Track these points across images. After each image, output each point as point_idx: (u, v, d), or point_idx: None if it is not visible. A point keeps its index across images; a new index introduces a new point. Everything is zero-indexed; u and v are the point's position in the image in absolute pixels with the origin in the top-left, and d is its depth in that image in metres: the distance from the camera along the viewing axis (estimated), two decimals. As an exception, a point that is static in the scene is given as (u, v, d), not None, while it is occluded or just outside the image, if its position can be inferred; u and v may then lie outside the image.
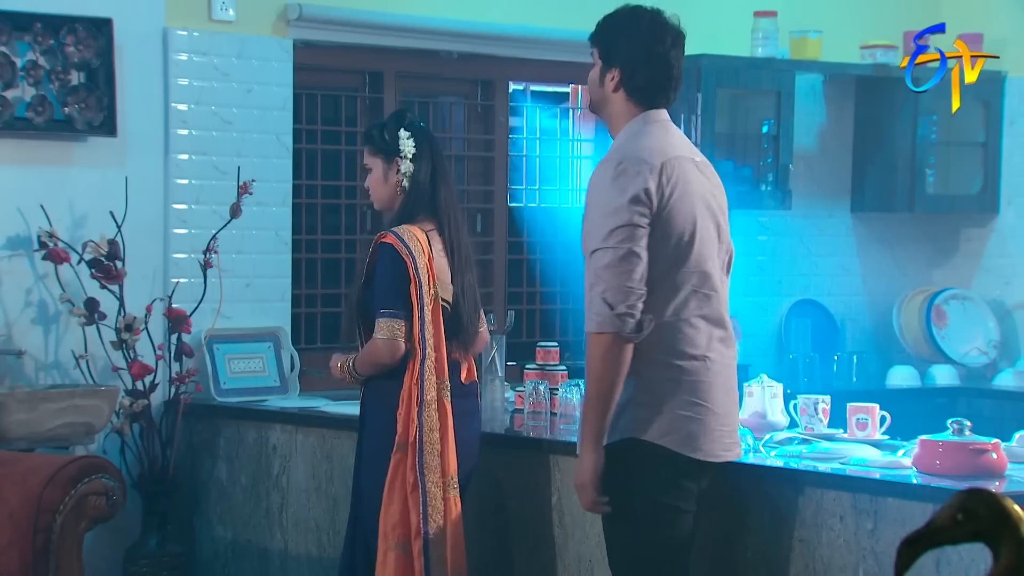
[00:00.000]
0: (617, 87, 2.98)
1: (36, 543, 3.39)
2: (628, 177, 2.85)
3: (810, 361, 5.50)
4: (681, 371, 2.89)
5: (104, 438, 4.19)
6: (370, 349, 3.37)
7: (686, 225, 2.90)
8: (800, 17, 5.52)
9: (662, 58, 2.98)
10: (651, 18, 3.03)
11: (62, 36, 4.20)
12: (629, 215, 2.83)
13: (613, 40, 3.01)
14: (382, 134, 3.47)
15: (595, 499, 2.87)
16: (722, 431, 2.94)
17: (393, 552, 3.28)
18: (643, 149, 2.91)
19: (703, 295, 2.93)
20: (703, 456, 2.91)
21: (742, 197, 5.43)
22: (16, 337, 4.19)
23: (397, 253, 3.33)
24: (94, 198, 4.27)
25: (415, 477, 3.29)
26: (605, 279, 2.82)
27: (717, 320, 2.95)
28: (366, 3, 4.78)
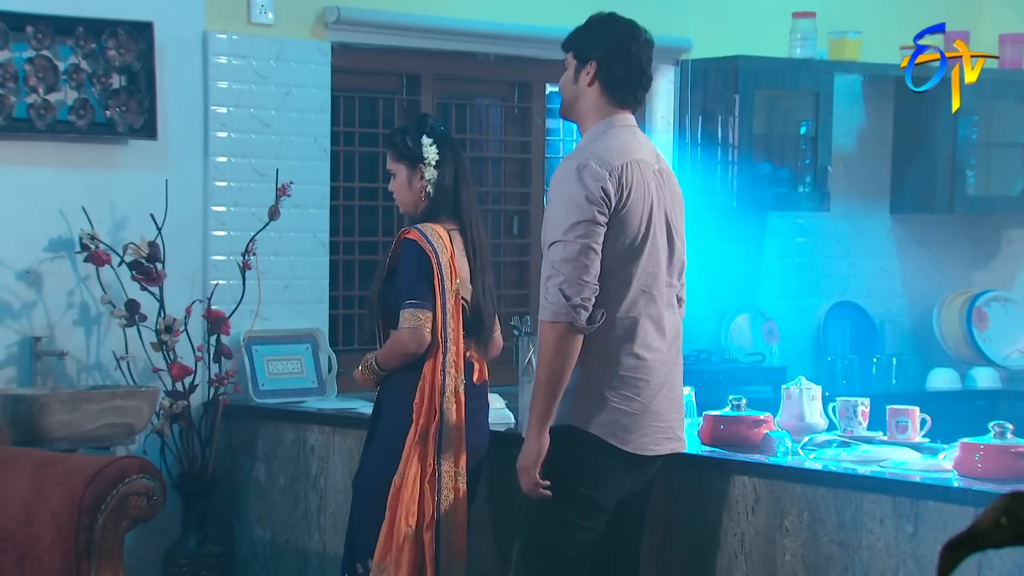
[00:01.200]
0: (593, 80, 3.10)
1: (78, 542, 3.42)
2: (589, 175, 2.98)
3: (849, 363, 5.47)
4: (621, 365, 3.02)
5: (144, 439, 4.22)
6: (395, 340, 3.41)
7: (640, 227, 3.03)
8: (839, 18, 5.49)
9: (636, 57, 3.13)
10: (625, 21, 3.18)
11: (104, 40, 4.23)
12: (588, 211, 2.96)
13: (589, 39, 3.15)
14: (405, 141, 3.51)
15: (536, 482, 3.00)
16: (657, 427, 3.07)
17: (408, 541, 3.34)
18: (606, 149, 3.04)
19: (649, 295, 3.05)
20: (632, 449, 3.03)
21: (780, 199, 5.41)
22: (58, 338, 4.23)
23: (420, 248, 3.38)
24: (135, 200, 4.30)
25: (434, 467, 3.34)
26: (563, 272, 2.95)
27: (658, 320, 3.08)
28: (404, 6, 4.80)
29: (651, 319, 3.05)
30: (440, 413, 3.35)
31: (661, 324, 3.08)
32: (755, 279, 5.59)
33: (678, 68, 5.38)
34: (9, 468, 3.58)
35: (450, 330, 3.39)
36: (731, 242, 5.51)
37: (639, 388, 3.03)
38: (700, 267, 5.45)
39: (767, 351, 5.48)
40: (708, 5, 5.43)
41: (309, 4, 4.65)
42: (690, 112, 5.35)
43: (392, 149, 3.55)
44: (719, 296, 5.49)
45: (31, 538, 3.45)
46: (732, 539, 3.22)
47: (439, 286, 3.37)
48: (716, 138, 5.28)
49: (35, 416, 3.87)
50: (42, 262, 4.22)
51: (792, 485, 3.14)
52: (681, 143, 5.39)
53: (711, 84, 5.29)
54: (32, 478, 3.52)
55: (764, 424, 3.43)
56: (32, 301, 4.21)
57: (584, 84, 3.11)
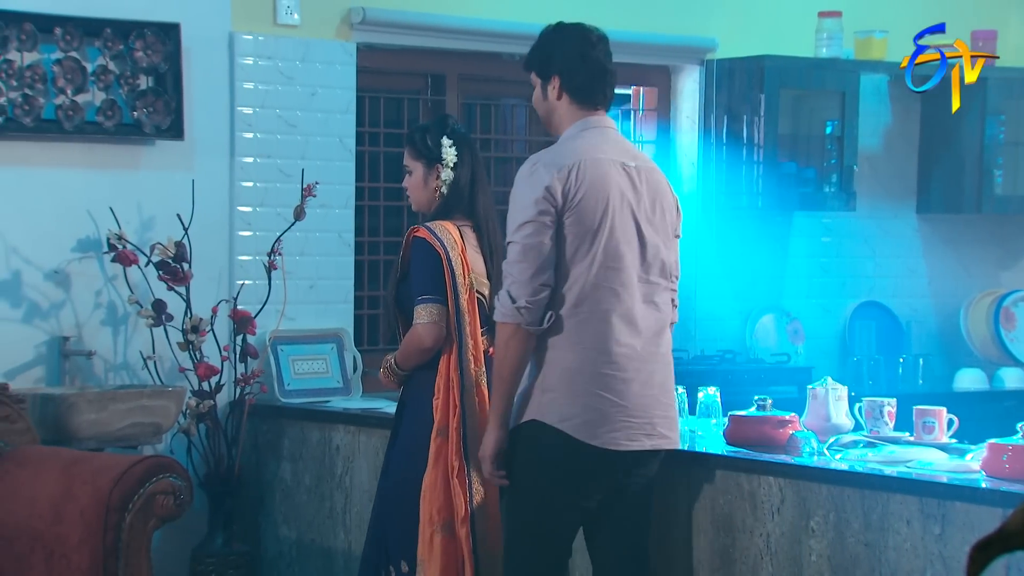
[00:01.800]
0: (560, 93, 3.18)
1: (106, 541, 3.44)
2: (536, 177, 3.07)
3: (875, 364, 5.45)
4: (585, 361, 3.06)
5: (171, 438, 4.24)
6: (411, 337, 3.43)
7: (595, 224, 3.07)
8: (865, 17, 5.47)
9: (595, 59, 3.20)
10: (575, 28, 3.26)
11: (131, 41, 4.26)
12: (534, 211, 3.04)
13: (546, 55, 3.22)
14: (425, 139, 3.53)
15: (492, 472, 3.12)
16: (628, 421, 3.08)
17: (440, 535, 3.34)
18: (560, 151, 3.13)
19: (612, 291, 3.08)
20: (601, 444, 3.06)
21: (805, 198, 5.40)
22: (86, 338, 4.25)
23: (430, 246, 3.41)
24: (161, 201, 4.33)
25: (460, 461, 3.35)
26: (511, 273, 3.06)
27: (627, 315, 3.09)
28: (429, 6, 4.81)
29: (617, 315, 3.07)
30: (461, 407, 3.36)
31: (632, 320, 3.09)
32: (780, 279, 5.58)
33: (703, 68, 5.37)
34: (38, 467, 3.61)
35: (466, 324, 3.40)
36: (756, 242, 5.50)
37: (606, 383, 3.05)
38: (725, 267, 5.47)
39: (792, 351, 5.46)
40: (733, 5, 5.42)
41: (335, 5, 4.66)
42: (715, 112, 5.34)
43: (411, 146, 3.57)
44: (744, 296, 5.48)
45: (59, 536, 3.48)
46: (758, 539, 3.22)
47: (450, 281, 3.40)
48: (741, 138, 5.27)
49: (63, 415, 3.90)
50: (70, 262, 4.25)
51: (818, 486, 3.13)
52: (706, 143, 5.38)
53: (736, 84, 5.28)
54: (60, 477, 3.54)
55: (790, 424, 3.42)
56: (60, 301, 4.24)
57: (553, 98, 3.19)
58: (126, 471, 3.51)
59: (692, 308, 5.43)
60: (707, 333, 5.41)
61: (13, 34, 4.08)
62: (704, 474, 3.31)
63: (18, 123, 4.11)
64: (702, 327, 5.42)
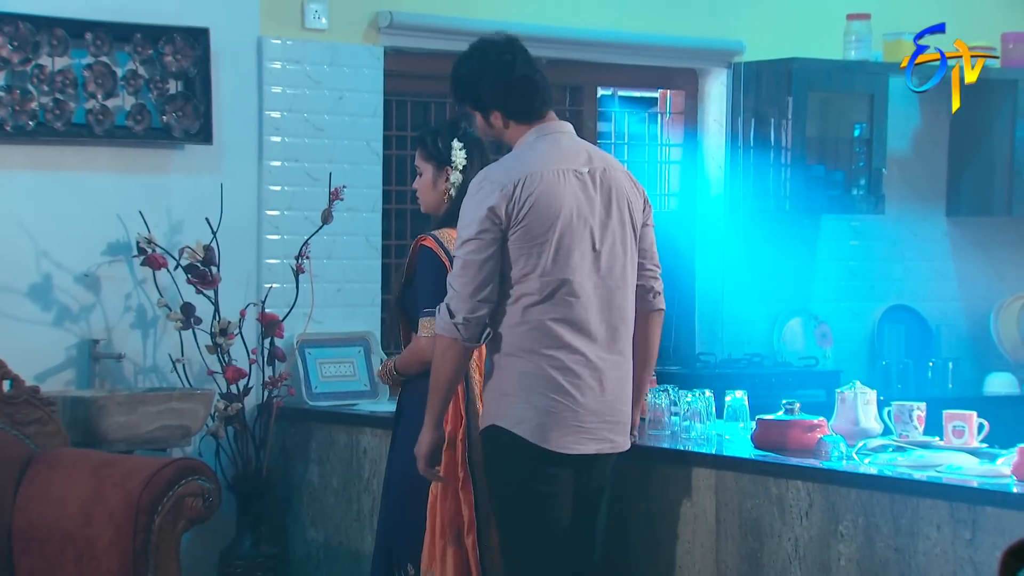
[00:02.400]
0: (504, 122, 3.23)
1: (136, 543, 3.46)
2: (483, 193, 3.12)
3: (904, 367, 5.43)
4: (538, 368, 3.12)
5: (200, 441, 4.26)
6: (414, 347, 3.44)
7: (543, 237, 3.10)
8: (894, 19, 5.45)
9: (520, 78, 3.21)
10: (488, 55, 3.24)
11: (161, 46, 4.29)
12: (478, 228, 3.09)
13: (474, 89, 3.24)
14: (436, 141, 3.54)
15: (426, 469, 3.23)
16: (579, 426, 3.13)
17: (451, 547, 3.35)
18: (507, 166, 3.16)
19: (564, 300, 3.12)
20: (553, 447, 3.12)
21: (833, 201, 5.38)
22: (116, 341, 4.28)
23: (436, 256, 3.41)
24: (190, 204, 4.35)
25: (466, 472, 3.35)
26: (453, 287, 3.11)
27: (578, 323, 3.13)
28: (456, 10, 4.82)
29: (566, 322, 3.11)
30: (466, 418, 3.36)
31: (584, 327, 3.13)
32: (808, 282, 5.56)
33: (730, 71, 5.36)
34: (68, 469, 3.63)
35: None
36: (784, 245, 5.48)
37: (558, 388, 3.10)
38: (753, 270, 5.45)
39: (820, 355, 5.44)
40: (761, 7, 5.40)
41: (362, 9, 4.68)
42: (743, 115, 5.33)
43: (422, 147, 3.57)
44: (772, 299, 5.47)
45: (89, 538, 3.50)
46: (786, 544, 3.21)
47: None
48: (769, 141, 5.25)
49: (93, 418, 3.93)
50: (100, 266, 4.28)
51: (847, 490, 3.11)
52: (733, 146, 5.37)
53: (764, 86, 5.27)
54: (91, 479, 3.57)
55: (818, 428, 3.40)
56: (90, 304, 4.27)
57: (500, 127, 3.24)
58: (155, 473, 3.53)
59: (720, 311, 5.42)
60: (734, 336, 5.40)
61: (44, 39, 4.12)
62: (732, 478, 3.31)
63: (49, 127, 4.15)
64: (729, 330, 5.41)
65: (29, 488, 3.61)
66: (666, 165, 5.51)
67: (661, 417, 3.65)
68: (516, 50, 3.24)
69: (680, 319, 5.44)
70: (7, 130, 4.08)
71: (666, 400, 3.65)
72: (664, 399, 3.66)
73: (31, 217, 4.19)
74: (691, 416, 3.58)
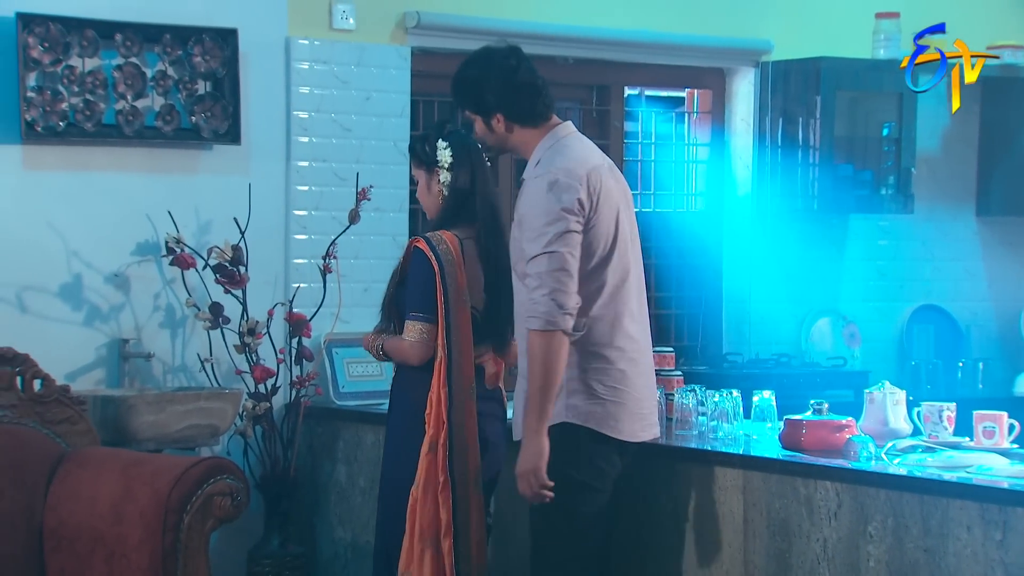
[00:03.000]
0: (507, 125, 3.28)
1: (165, 542, 3.48)
2: (561, 188, 3.16)
3: (933, 368, 5.40)
4: (604, 360, 3.20)
5: (228, 440, 4.28)
6: (400, 347, 3.47)
7: (609, 228, 3.21)
8: (923, 17, 5.38)
9: (523, 82, 3.26)
10: (489, 56, 3.31)
11: (190, 47, 4.31)
12: (566, 223, 3.14)
13: (477, 94, 3.29)
14: (423, 147, 3.55)
15: (543, 484, 3.15)
16: (640, 414, 3.26)
17: (430, 550, 3.38)
18: (570, 161, 3.21)
19: (625, 291, 3.24)
20: (623, 436, 3.23)
21: (861, 201, 5.36)
22: (145, 340, 4.30)
23: (426, 259, 3.43)
24: (219, 204, 4.37)
25: (446, 476, 3.37)
26: (550, 283, 3.12)
27: (635, 313, 3.27)
28: (483, 10, 4.82)
29: (629, 314, 3.24)
30: (448, 423, 3.38)
31: (636, 316, 3.27)
32: (836, 282, 5.54)
33: (758, 70, 5.35)
34: (98, 468, 3.65)
35: (456, 340, 3.40)
36: (812, 245, 5.46)
37: (625, 378, 3.22)
38: (781, 270, 5.43)
39: (848, 355, 5.42)
40: (789, 6, 5.38)
41: (389, 9, 4.69)
42: (770, 114, 5.31)
43: (412, 156, 3.60)
44: (800, 299, 5.45)
45: (119, 537, 3.52)
46: (815, 544, 3.19)
47: (442, 297, 3.41)
48: (797, 140, 5.24)
49: (123, 417, 3.95)
50: (129, 265, 4.30)
51: (876, 491, 3.10)
52: (761, 146, 5.36)
53: (792, 86, 5.25)
54: (120, 478, 3.59)
55: (847, 429, 3.39)
56: (120, 304, 4.29)
57: (501, 131, 3.30)
58: (184, 472, 3.54)
59: (747, 311, 5.41)
60: (762, 336, 5.38)
61: (75, 40, 4.14)
62: (759, 478, 3.30)
63: (79, 128, 4.17)
64: (757, 330, 5.39)
65: (60, 487, 3.63)
66: (693, 165, 5.49)
67: (688, 417, 3.64)
68: (520, 56, 3.31)
69: (707, 319, 5.43)
70: (38, 131, 4.11)
71: (693, 400, 3.64)
72: (691, 399, 3.65)
73: (61, 217, 4.21)
74: (718, 416, 3.57)
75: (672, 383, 3.89)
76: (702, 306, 5.43)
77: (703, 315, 5.41)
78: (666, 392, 3.82)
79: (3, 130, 4.10)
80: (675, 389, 3.83)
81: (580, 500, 3.21)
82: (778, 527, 3.27)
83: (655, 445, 3.44)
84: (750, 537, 3.33)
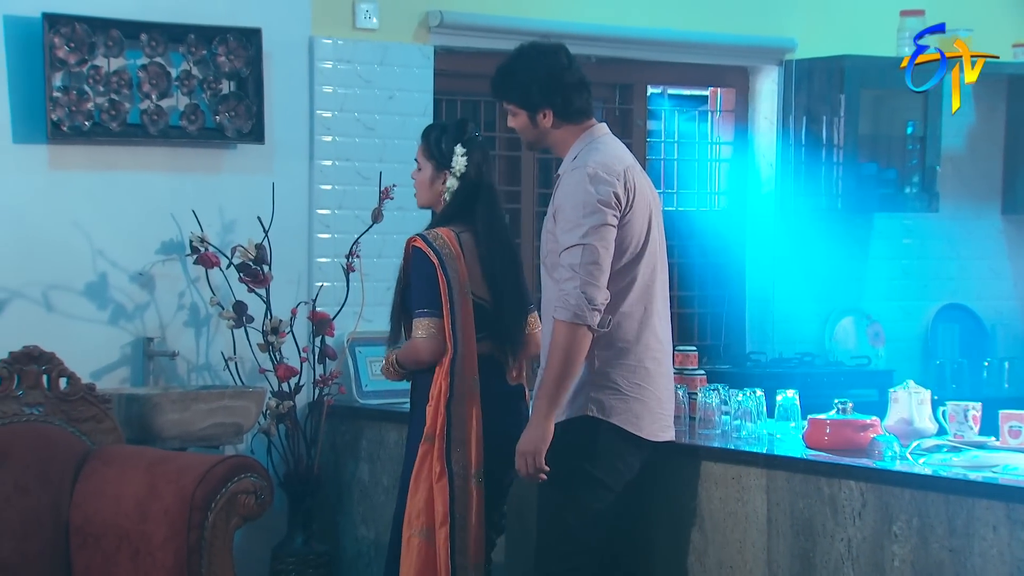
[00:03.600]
0: (554, 121, 3.30)
1: (190, 539, 3.49)
2: (599, 182, 3.18)
3: (958, 367, 5.37)
4: (631, 356, 3.23)
5: (251, 438, 4.29)
6: (411, 346, 3.47)
7: (642, 226, 3.24)
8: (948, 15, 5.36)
9: (573, 80, 3.30)
10: (540, 52, 3.32)
11: (214, 46, 4.32)
12: (603, 216, 3.15)
13: (524, 87, 3.30)
14: (440, 141, 3.54)
15: (539, 467, 3.19)
16: (661, 413, 3.31)
17: (417, 538, 3.39)
18: (608, 157, 3.23)
19: (654, 290, 3.27)
20: (646, 435, 3.27)
21: (886, 200, 5.34)
22: (169, 339, 4.32)
23: (425, 256, 3.43)
24: (242, 204, 4.38)
25: (442, 467, 3.38)
26: (581, 275, 3.13)
27: (661, 312, 3.31)
28: (505, 9, 4.82)
29: (656, 312, 3.28)
30: (447, 415, 3.38)
31: (663, 315, 3.31)
32: (860, 281, 5.52)
33: (782, 68, 5.33)
34: (124, 466, 3.67)
35: (460, 333, 3.41)
36: (836, 244, 5.44)
37: (650, 377, 3.25)
38: (804, 269, 5.41)
39: (873, 354, 5.40)
40: (812, 4, 5.37)
41: (412, 8, 4.70)
42: (794, 112, 5.30)
43: (425, 144, 3.57)
44: (823, 298, 5.43)
45: (145, 534, 3.54)
46: (839, 544, 3.18)
47: (446, 290, 3.42)
48: (821, 139, 5.22)
49: (147, 415, 3.97)
50: (154, 264, 4.32)
51: (901, 490, 3.08)
52: (785, 144, 5.34)
53: (816, 84, 5.23)
54: (145, 476, 3.61)
55: (871, 428, 3.38)
56: (145, 303, 4.31)
57: (546, 127, 3.31)
58: (209, 471, 3.56)
59: (770, 310, 5.39)
60: (785, 335, 5.36)
61: (100, 40, 4.16)
62: (783, 477, 3.29)
63: (105, 128, 4.20)
64: (780, 329, 5.37)
65: (85, 484, 3.66)
66: (716, 163, 5.48)
67: (711, 416, 3.63)
68: (568, 55, 3.34)
69: (730, 318, 5.41)
70: (64, 130, 4.13)
71: (716, 399, 3.63)
72: (714, 398, 3.64)
73: (87, 216, 4.24)
74: (742, 415, 3.56)
75: (695, 382, 3.88)
76: (725, 305, 5.41)
77: (726, 314, 5.40)
78: (689, 391, 3.81)
79: (29, 130, 4.12)
80: (698, 388, 3.82)
81: (592, 496, 3.24)
82: (802, 527, 3.26)
83: (678, 444, 3.45)
84: (773, 537, 3.32)
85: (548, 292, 3.26)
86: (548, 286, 3.26)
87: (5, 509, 3.56)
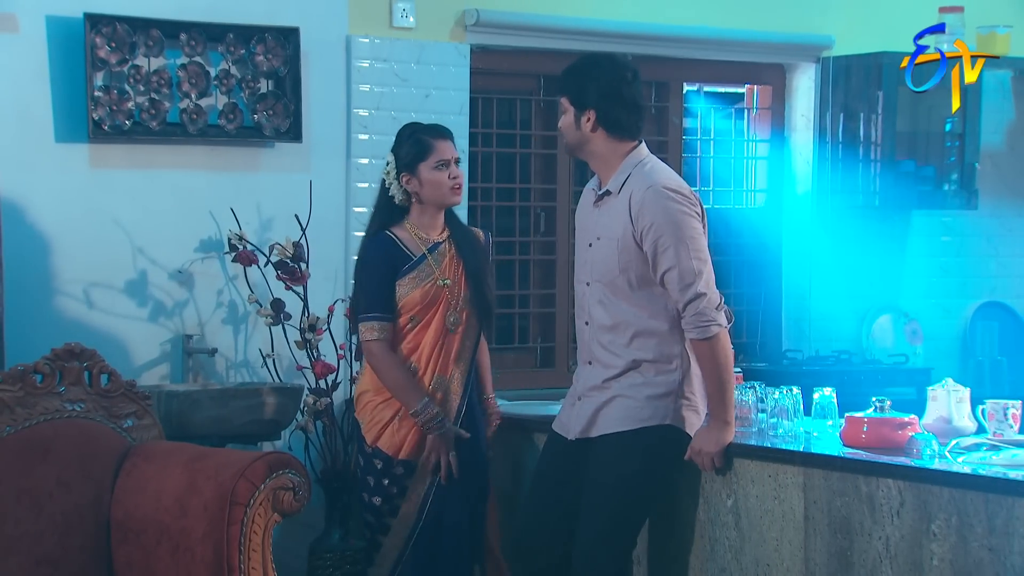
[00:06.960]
0: (595, 127, 3.33)
1: (229, 535, 3.51)
2: (692, 204, 3.32)
3: (997, 365, 5.34)
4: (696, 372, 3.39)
5: (289, 435, 4.32)
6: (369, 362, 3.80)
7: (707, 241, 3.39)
8: (988, 11, 5.34)
9: (630, 96, 3.34)
10: (610, 62, 3.38)
11: (252, 46, 4.35)
12: (704, 238, 3.34)
13: (582, 86, 3.32)
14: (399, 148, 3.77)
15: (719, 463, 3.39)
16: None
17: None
18: (672, 179, 3.34)
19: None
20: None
21: (924, 197, 5.31)
22: (208, 336, 4.36)
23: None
24: (280, 202, 4.41)
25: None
26: (708, 293, 3.30)
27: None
28: (542, 7, 4.83)
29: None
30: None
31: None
32: (898, 279, 5.49)
33: (819, 65, 5.31)
34: (163, 462, 3.70)
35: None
36: (873, 241, 5.42)
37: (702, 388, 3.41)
38: (841, 267, 5.39)
39: (910, 352, 5.37)
40: (850, 1, 5.34)
41: (449, 7, 4.71)
42: (831, 110, 5.27)
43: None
44: (861, 296, 5.40)
45: (184, 530, 3.56)
46: (877, 542, 3.17)
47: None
48: (858, 136, 5.19)
49: (186, 411, 4.00)
50: (193, 262, 4.36)
51: (939, 489, 3.07)
52: (822, 141, 5.32)
53: (853, 81, 5.20)
54: (185, 472, 3.63)
55: (909, 426, 3.36)
56: (184, 300, 4.35)
57: (587, 130, 3.33)
58: (248, 467, 3.57)
59: (807, 308, 5.37)
60: (823, 333, 5.34)
61: (141, 40, 4.20)
62: (820, 476, 3.28)
63: (145, 127, 4.24)
64: (817, 327, 5.35)
65: (126, 480, 3.68)
66: (752, 161, 5.47)
67: (748, 414, 3.63)
68: (636, 74, 3.38)
69: (767, 315, 5.40)
70: (105, 129, 4.17)
71: (753, 397, 3.63)
72: (751, 396, 3.64)
73: (127, 215, 4.28)
74: (778, 413, 3.55)
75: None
76: (762, 303, 5.40)
77: (763, 312, 5.38)
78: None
79: (71, 129, 4.17)
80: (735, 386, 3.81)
81: (659, 500, 3.46)
82: (839, 525, 3.25)
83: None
84: (811, 535, 3.31)
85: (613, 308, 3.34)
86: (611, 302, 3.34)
87: (48, 504, 3.60)
